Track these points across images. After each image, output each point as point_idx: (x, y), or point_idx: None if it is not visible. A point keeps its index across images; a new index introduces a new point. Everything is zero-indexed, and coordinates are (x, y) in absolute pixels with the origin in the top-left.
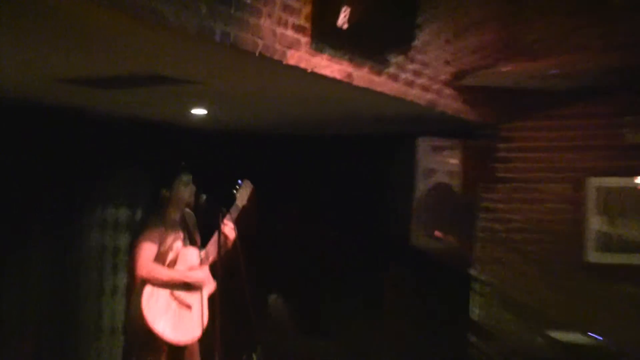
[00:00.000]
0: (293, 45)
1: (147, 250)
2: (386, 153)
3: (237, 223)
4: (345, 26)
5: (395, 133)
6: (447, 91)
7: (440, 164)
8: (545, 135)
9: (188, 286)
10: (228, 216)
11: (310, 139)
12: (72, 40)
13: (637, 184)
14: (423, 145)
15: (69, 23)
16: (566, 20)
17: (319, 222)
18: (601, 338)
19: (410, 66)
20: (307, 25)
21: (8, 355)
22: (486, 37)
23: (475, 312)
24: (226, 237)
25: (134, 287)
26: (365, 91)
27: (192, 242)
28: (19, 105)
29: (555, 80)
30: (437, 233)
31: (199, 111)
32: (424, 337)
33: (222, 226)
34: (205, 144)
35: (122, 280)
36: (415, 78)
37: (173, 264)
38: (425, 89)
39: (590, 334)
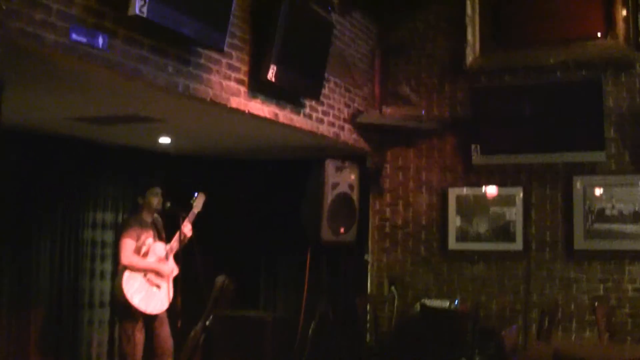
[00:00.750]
0: (235, 93)
1: (128, 245)
2: (304, 171)
3: (193, 224)
4: (273, 79)
5: (310, 157)
6: (347, 126)
7: (342, 179)
8: (416, 159)
9: (158, 272)
10: (186, 219)
11: (249, 161)
12: (76, 91)
13: (482, 193)
14: (330, 165)
15: (75, 80)
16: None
17: (257, 222)
18: (457, 303)
19: (320, 108)
20: (245, 78)
21: (22, 322)
22: (374, 89)
23: (369, 288)
24: (185, 235)
25: (117, 271)
26: (288, 127)
27: (160, 239)
28: (32, 135)
29: (422, 120)
30: (341, 229)
31: (165, 140)
32: (332, 306)
33: (182, 227)
34: (170, 164)
35: (108, 266)
36: (324, 116)
37: (145, 255)
38: (331, 124)
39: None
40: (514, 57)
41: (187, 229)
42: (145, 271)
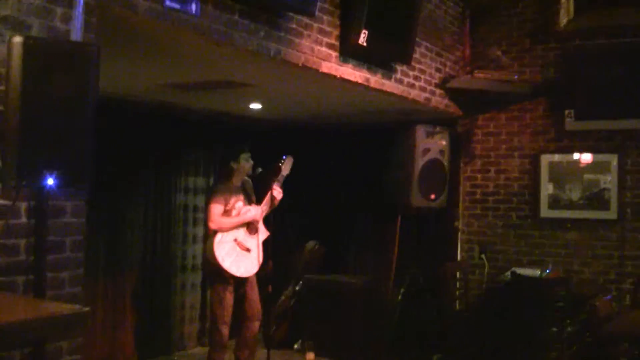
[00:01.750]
0: (326, 58)
1: (216, 209)
2: (394, 137)
3: (282, 187)
4: (364, 44)
5: (400, 121)
6: (438, 91)
7: (433, 144)
8: (508, 124)
9: (248, 232)
10: (276, 182)
11: (339, 128)
12: (168, 58)
13: (575, 159)
14: (420, 131)
15: (167, 46)
16: (523, 41)
17: (346, 190)
18: (548, 271)
19: (411, 73)
20: (336, 43)
21: (118, 285)
22: (465, 52)
23: (460, 254)
24: (275, 198)
25: (208, 236)
26: (379, 91)
27: (250, 202)
28: (130, 102)
29: (514, 85)
30: (432, 196)
31: (256, 105)
32: (421, 271)
33: (271, 189)
34: (261, 129)
35: (200, 230)
36: (415, 81)
37: None
38: (422, 89)
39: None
40: (609, 17)
41: (276, 192)
42: (235, 233)
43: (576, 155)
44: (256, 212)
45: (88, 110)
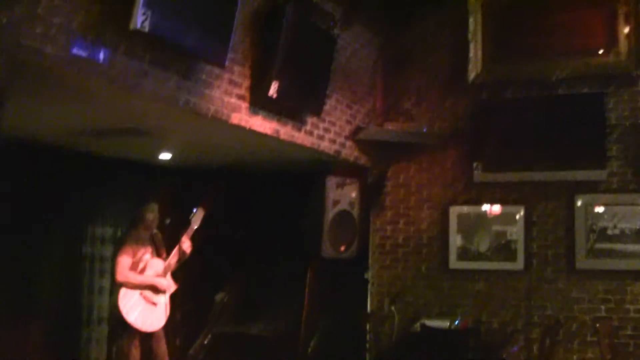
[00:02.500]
0: (236, 109)
1: (123, 261)
2: (304, 187)
3: (192, 239)
4: (275, 96)
5: (312, 171)
6: (349, 143)
7: (343, 196)
8: (418, 175)
9: (154, 288)
10: (185, 235)
11: (253, 176)
12: (77, 103)
13: (483, 211)
14: (331, 182)
15: (76, 92)
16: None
17: (256, 238)
18: (457, 322)
19: (322, 125)
20: (247, 94)
21: (21, 336)
22: (376, 103)
23: (370, 305)
24: (184, 251)
25: (113, 288)
26: (289, 143)
27: (159, 255)
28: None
29: (423, 136)
30: (342, 247)
31: (165, 155)
32: (332, 322)
33: (180, 243)
34: (170, 178)
35: (107, 281)
36: (325, 133)
37: (143, 271)
38: (332, 141)
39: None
40: (516, 70)
41: (185, 245)
42: (141, 287)
43: (484, 207)
44: (165, 284)
45: None
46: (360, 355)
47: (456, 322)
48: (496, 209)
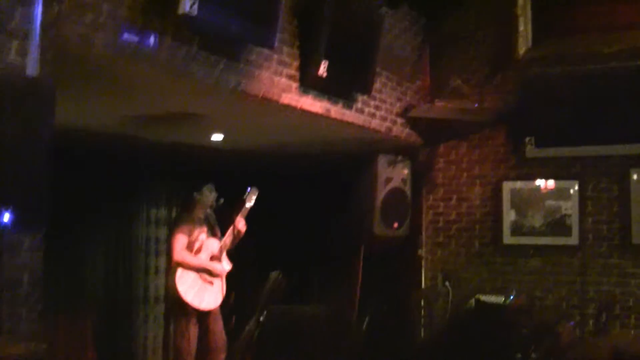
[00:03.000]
0: (286, 89)
1: (179, 241)
2: (356, 166)
3: (246, 219)
4: (324, 75)
5: (363, 151)
6: (399, 120)
7: (395, 174)
8: (469, 152)
9: (209, 272)
10: (239, 215)
11: (303, 156)
12: (126, 91)
13: (536, 186)
14: (382, 160)
15: (125, 80)
16: (483, 70)
17: (309, 216)
18: (512, 297)
19: (372, 102)
20: (296, 74)
21: (79, 318)
22: (425, 81)
23: (423, 282)
24: (238, 230)
25: (170, 268)
26: (340, 122)
27: (213, 235)
28: (92, 135)
29: (474, 113)
30: (394, 225)
31: (217, 137)
32: (385, 300)
33: (235, 222)
34: (222, 159)
35: (163, 262)
36: (376, 111)
37: (199, 251)
38: (383, 119)
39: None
40: (567, 45)
41: (240, 224)
42: (196, 270)
43: (537, 182)
44: (221, 268)
45: (43, 146)
46: (415, 332)
47: (510, 298)
48: (550, 184)
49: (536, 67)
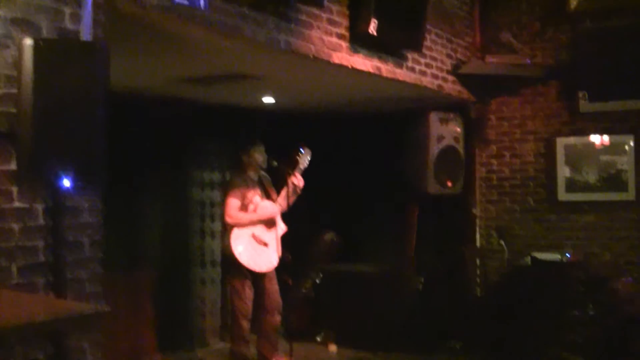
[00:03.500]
0: (337, 48)
1: (232, 203)
2: (407, 124)
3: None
4: (374, 33)
5: (414, 109)
6: (450, 77)
7: (447, 131)
8: (522, 108)
9: (265, 226)
10: (296, 172)
11: (352, 116)
12: (178, 52)
13: (590, 141)
14: (434, 118)
15: (176, 41)
16: (533, 24)
17: (361, 176)
18: (568, 255)
19: (423, 60)
20: (346, 33)
21: (136, 281)
22: (475, 37)
23: (478, 240)
24: (296, 186)
25: (225, 230)
26: (391, 80)
27: (268, 197)
28: (144, 98)
29: (526, 68)
30: (448, 182)
31: (269, 98)
32: (440, 258)
33: (290, 180)
34: (275, 122)
35: (217, 225)
36: (427, 69)
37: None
38: (434, 77)
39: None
40: None
41: (297, 179)
42: (252, 228)
43: (591, 138)
44: (273, 208)
45: (100, 109)
46: (470, 290)
47: (567, 255)
48: (604, 139)
49: (588, 20)
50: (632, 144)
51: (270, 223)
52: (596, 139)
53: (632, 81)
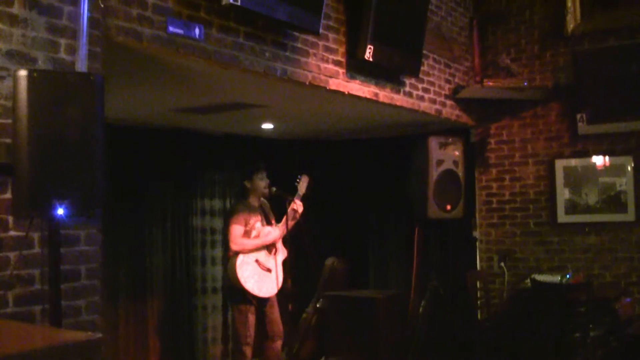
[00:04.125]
0: (333, 75)
1: (236, 230)
2: (406, 149)
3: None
4: (371, 59)
5: (412, 134)
6: (449, 102)
7: (447, 155)
8: (521, 131)
9: (267, 252)
10: (295, 199)
11: (351, 142)
12: (176, 83)
13: (590, 163)
14: (433, 142)
15: (174, 72)
16: (532, 48)
17: (363, 201)
18: (568, 276)
19: (420, 85)
20: (343, 60)
21: (140, 308)
22: (474, 61)
23: (479, 264)
24: (296, 211)
25: (229, 257)
26: (388, 106)
27: (268, 222)
28: (144, 129)
29: (525, 91)
30: (448, 207)
31: (268, 125)
32: (441, 282)
33: (290, 207)
34: (273, 148)
35: (218, 252)
36: (425, 94)
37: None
38: (432, 101)
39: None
40: (617, 17)
41: (297, 205)
42: (256, 254)
43: (591, 159)
44: (276, 233)
45: (96, 140)
46: (472, 313)
47: (567, 277)
48: (603, 160)
49: (586, 42)
50: (631, 165)
51: (272, 249)
52: (596, 160)
53: (629, 102)
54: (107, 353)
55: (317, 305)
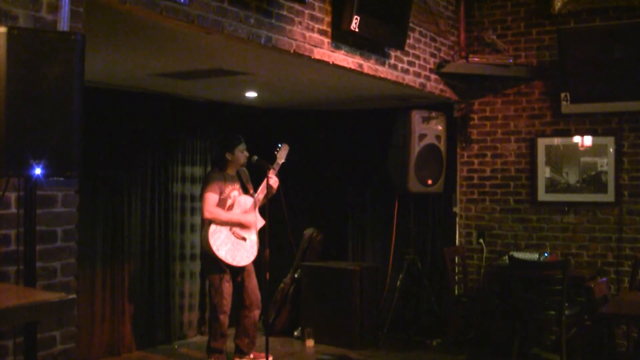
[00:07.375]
0: (318, 45)
1: (210, 198)
2: (389, 122)
3: (278, 175)
4: (356, 30)
5: (396, 107)
6: (433, 76)
7: (429, 130)
8: (504, 107)
9: (242, 225)
10: (272, 170)
11: (333, 113)
12: (159, 47)
13: (572, 143)
14: (416, 116)
15: (157, 35)
16: (518, 25)
17: (343, 173)
18: (546, 254)
19: (406, 58)
20: (328, 30)
21: (117, 273)
22: (460, 37)
23: (457, 239)
24: (271, 187)
25: (203, 225)
26: (372, 77)
27: (246, 192)
28: (125, 92)
29: (509, 68)
30: (429, 181)
31: (251, 94)
32: (420, 256)
33: (267, 179)
34: (255, 117)
35: (198, 219)
36: (409, 67)
37: (231, 208)
38: (417, 75)
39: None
40: None
41: (272, 180)
42: (229, 224)
43: (573, 139)
44: (254, 219)
45: (74, 100)
46: (449, 288)
47: (545, 255)
48: (586, 140)
49: (572, 21)
50: (612, 145)
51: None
52: (577, 140)
53: (613, 83)
54: (82, 316)
55: (295, 276)
